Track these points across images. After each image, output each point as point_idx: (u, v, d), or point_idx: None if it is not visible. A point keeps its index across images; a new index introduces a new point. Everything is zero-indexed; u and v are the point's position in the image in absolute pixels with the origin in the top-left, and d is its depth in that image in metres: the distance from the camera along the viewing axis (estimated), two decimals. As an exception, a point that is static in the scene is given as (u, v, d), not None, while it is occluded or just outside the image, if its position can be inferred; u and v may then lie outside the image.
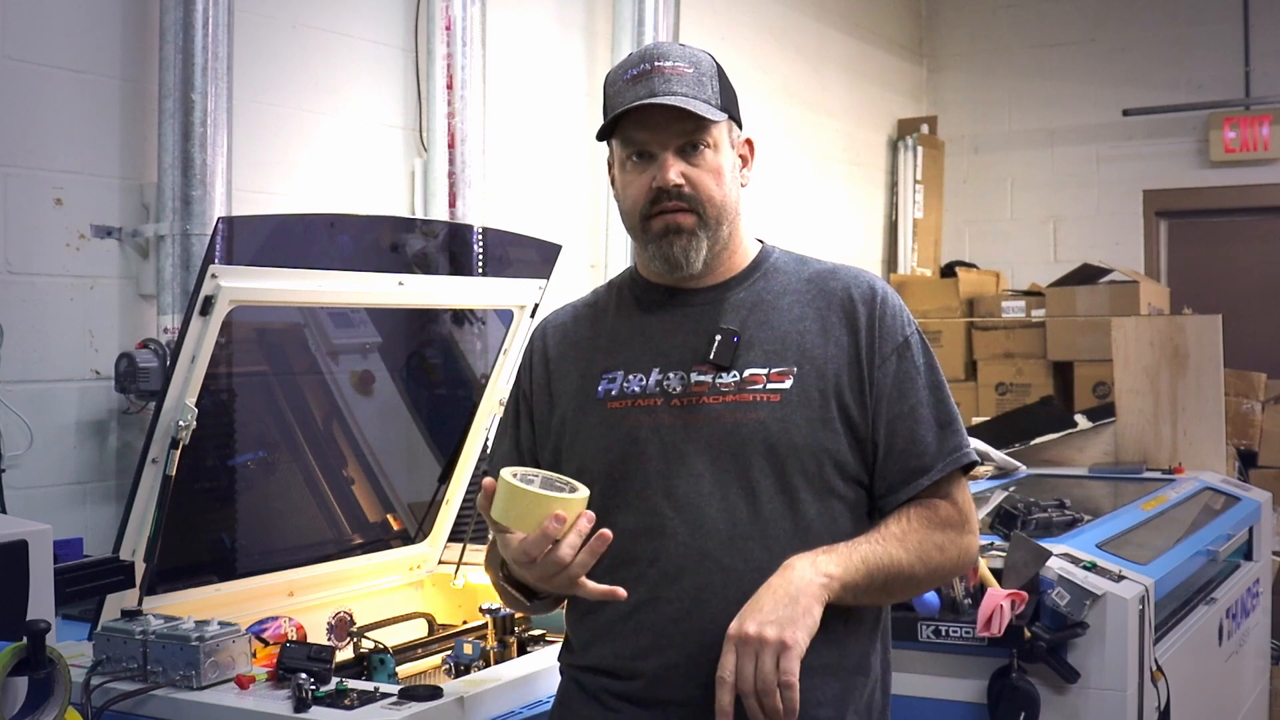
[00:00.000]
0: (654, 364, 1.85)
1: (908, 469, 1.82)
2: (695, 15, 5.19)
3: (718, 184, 1.82)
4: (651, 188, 1.79)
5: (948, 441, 1.83)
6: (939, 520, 1.81)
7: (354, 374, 3.02)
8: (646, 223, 1.82)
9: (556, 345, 1.95)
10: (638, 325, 1.90)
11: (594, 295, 2.02)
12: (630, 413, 1.83)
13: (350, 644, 2.60)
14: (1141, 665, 2.79)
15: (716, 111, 1.81)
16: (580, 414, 1.87)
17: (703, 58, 1.85)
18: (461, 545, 3.04)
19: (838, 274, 1.90)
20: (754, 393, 1.79)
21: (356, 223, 2.80)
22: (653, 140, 1.80)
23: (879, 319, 1.84)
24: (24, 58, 3.04)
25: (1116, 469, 4.50)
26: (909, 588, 1.82)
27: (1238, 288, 6.91)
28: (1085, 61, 7.28)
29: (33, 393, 3.04)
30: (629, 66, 1.82)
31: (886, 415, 1.81)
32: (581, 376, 1.90)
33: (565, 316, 2.00)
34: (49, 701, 1.82)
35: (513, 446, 1.97)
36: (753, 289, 1.88)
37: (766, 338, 1.83)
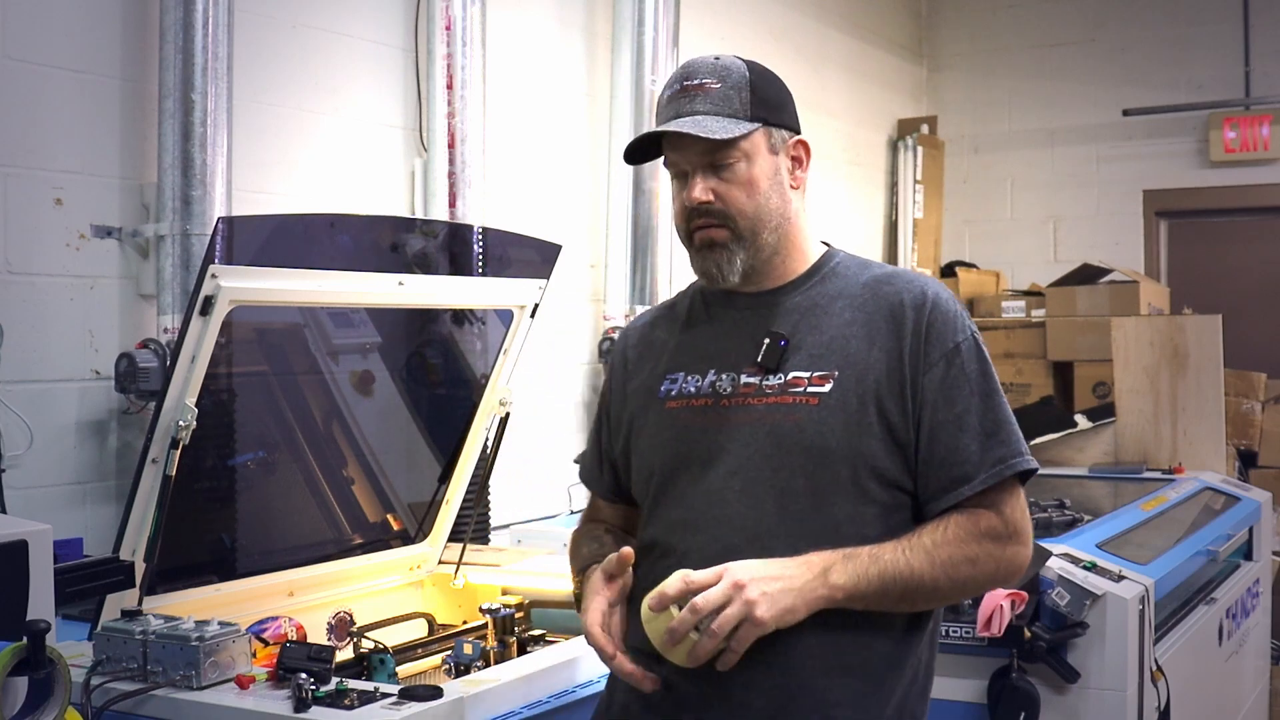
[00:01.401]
0: (710, 365, 1.91)
1: (949, 477, 1.80)
2: (695, 15, 5.19)
3: (749, 195, 1.85)
4: (686, 207, 1.87)
5: (993, 451, 1.81)
6: (978, 532, 1.79)
7: (354, 374, 3.02)
8: (689, 238, 1.90)
9: (635, 348, 2.06)
10: (702, 329, 1.97)
11: (672, 300, 2.10)
12: (684, 412, 1.90)
13: (350, 644, 2.60)
14: (1141, 665, 2.79)
15: (736, 126, 1.83)
16: (644, 412, 1.97)
17: (735, 68, 1.88)
18: (461, 545, 3.04)
19: (893, 279, 1.91)
20: (795, 395, 1.83)
21: (356, 223, 2.80)
22: (682, 160, 1.87)
23: (928, 325, 1.84)
24: (24, 58, 3.04)
25: (1116, 469, 4.50)
26: (933, 599, 1.82)
27: (1238, 288, 6.91)
28: (1085, 61, 7.28)
29: (33, 393, 3.04)
30: (667, 85, 1.90)
31: (929, 422, 1.81)
32: (649, 376, 1.99)
33: (646, 319, 2.10)
34: (49, 701, 1.82)
35: (595, 442, 2.11)
36: (808, 294, 1.91)
37: (814, 342, 1.86)
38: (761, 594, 1.68)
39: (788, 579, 1.70)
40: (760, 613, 1.67)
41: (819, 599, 1.71)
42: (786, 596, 1.69)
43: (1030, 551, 1.85)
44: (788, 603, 1.69)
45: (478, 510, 3.43)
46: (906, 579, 1.74)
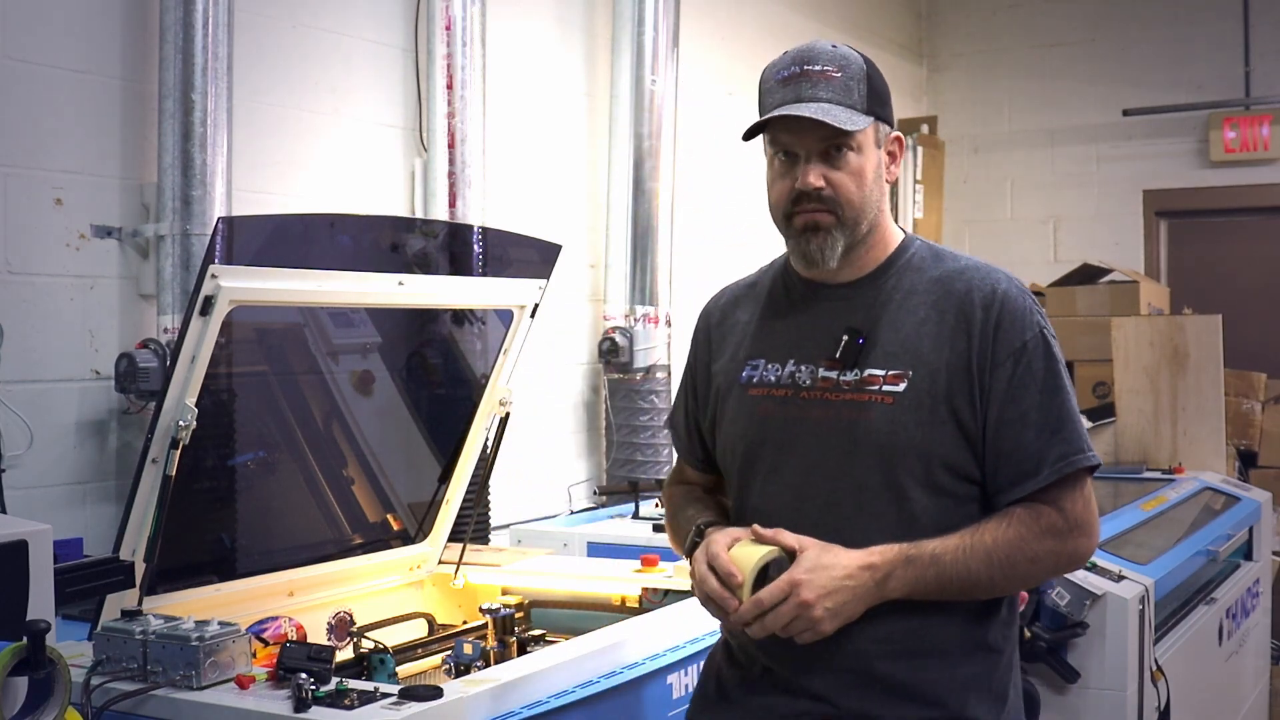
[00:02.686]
0: (790, 355, 1.95)
1: (1015, 473, 1.86)
2: (695, 15, 5.19)
3: (858, 186, 1.88)
4: (794, 189, 1.88)
5: (1056, 448, 1.85)
6: (1040, 529, 1.84)
7: (354, 374, 3.02)
8: (789, 220, 1.91)
9: (718, 326, 2.09)
10: (783, 315, 2.00)
11: (756, 276, 2.12)
12: (764, 401, 1.95)
13: (350, 644, 2.60)
14: (1141, 665, 2.79)
15: (859, 118, 1.86)
16: (728, 394, 2.01)
17: (853, 59, 1.90)
18: (461, 545, 3.04)
19: (965, 274, 1.93)
20: (870, 393, 1.87)
21: (356, 223, 2.80)
22: (796, 143, 1.88)
23: (996, 323, 1.87)
24: (24, 58, 3.04)
25: (1116, 469, 4.50)
26: (993, 593, 1.89)
27: (1238, 288, 6.91)
28: (1085, 61, 7.28)
29: (33, 393, 3.04)
30: (781, 67, 1.90)
31: (996, 420, 1.86)
32: (732, 360, 2.03)
33: (729, 297, 2.12)
34: (49, 701, 1.82)
35: (684, 411, 2.15)
36: (886, 287, 1.94)
37: (889, 339, 1.90)
38: (825, 610, 1.77)
39: (850, 588, 1.78)
40: (825, 629, 1.78)
41: (876, 599, 1.81)
42: (848, 607, 1.78)
43: (1095, 542, 1.92)
44: (849, 612, 1.79)
45: (478, 510, 3.43)
46: (964, 579, 1.82)
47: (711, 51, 5.47)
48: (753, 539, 1.82)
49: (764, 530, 1.81)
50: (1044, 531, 1.84)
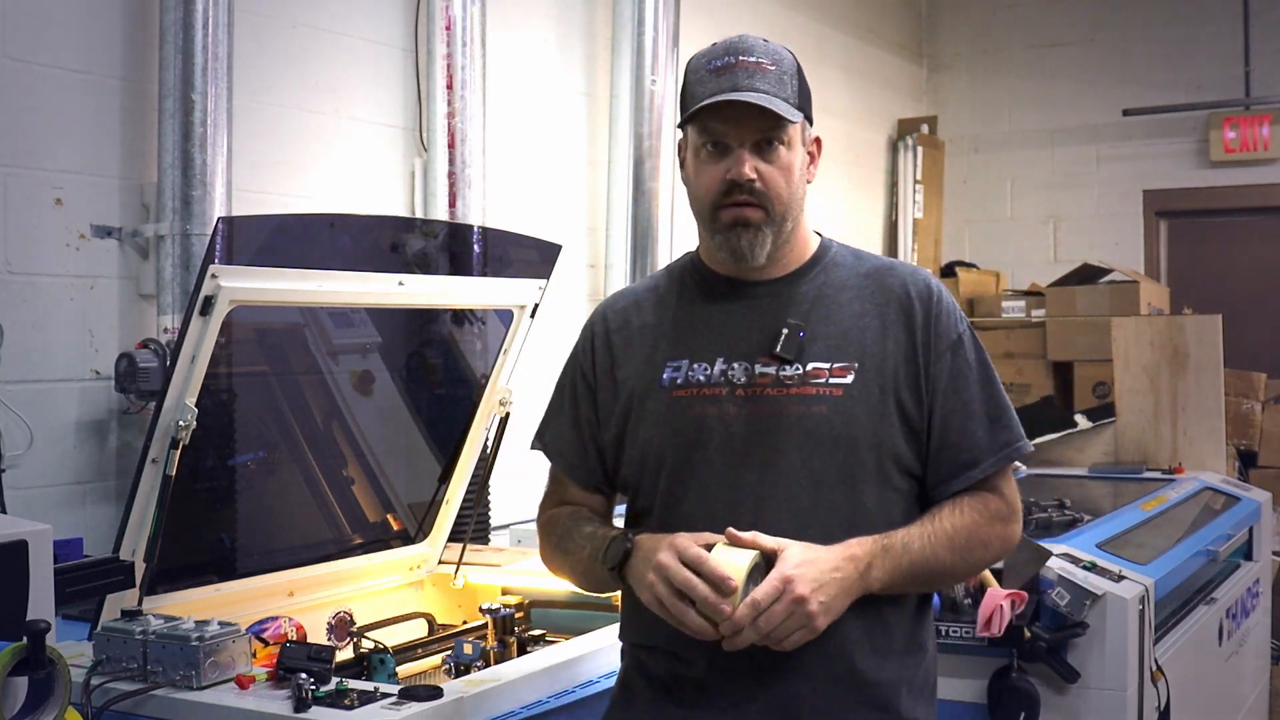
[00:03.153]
0: (719, 354, 1.90)
1: (959, 462, 1.88)
2: (695, 15, 5.19)
3: (788, 181, 1.87)
4: (725, 179, 1.84)
5: (999, 436, 1.89)
6: (990, 515, 1.88)
7: (354, 374, 3.02)
8: (716, 213, 1.86)
9: (619, 331, 2.00)
10: (701, 314, 1.94)
11: (653, 280, 2.06)
12: (696, 402, 1.88)
13: (350, 644, 2.60)
14: (1141, 665, 2.79)
15: (795, 111, 1.85)
16: (645, 400, 1.93)
17: (785, 55, 1.89)
18: (461, 545, 3.04)
19: (895, 270, 1.95)
20: (817, 386, 1.85)
21: (356, 223, 2.80)
22: (730, 133, 1.84)
23: (935, 317, 1.90)
24: (24, 58, 3.04)
25: (1116, 469, 4.50)
26: (949, 581, 1.98)
27: (1238, 288, 6.91)
28: (1085, 61, 7.28)
29: (33, 393, 3.03)
30: (713, 57, 1.86)
31: (940, 411, 1.87)
32: (646, 363, 1.94)
33: (626, 301, 2.04)
34: (49, 701, 1.82)
35: (571, 426, 2.02)
36: (814, 283, 1.92)
37: (829, 332, 1.88)
38: (819, 605, 1.71)
39: (839, 580, 1.74)
40: (819, 624, 1.72)
41: (860, 591, 1.77)
42: (838, 600, 1.74)
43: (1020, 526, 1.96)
44: (840, 605, 1.75)
45: (478, 510, 3.43)
46: (933, 567, 1.83)
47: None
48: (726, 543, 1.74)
49: (741, 534, 1.73)
50: (993, 517, 1.88)
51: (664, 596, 1.73)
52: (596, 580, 1.94)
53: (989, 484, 1.89)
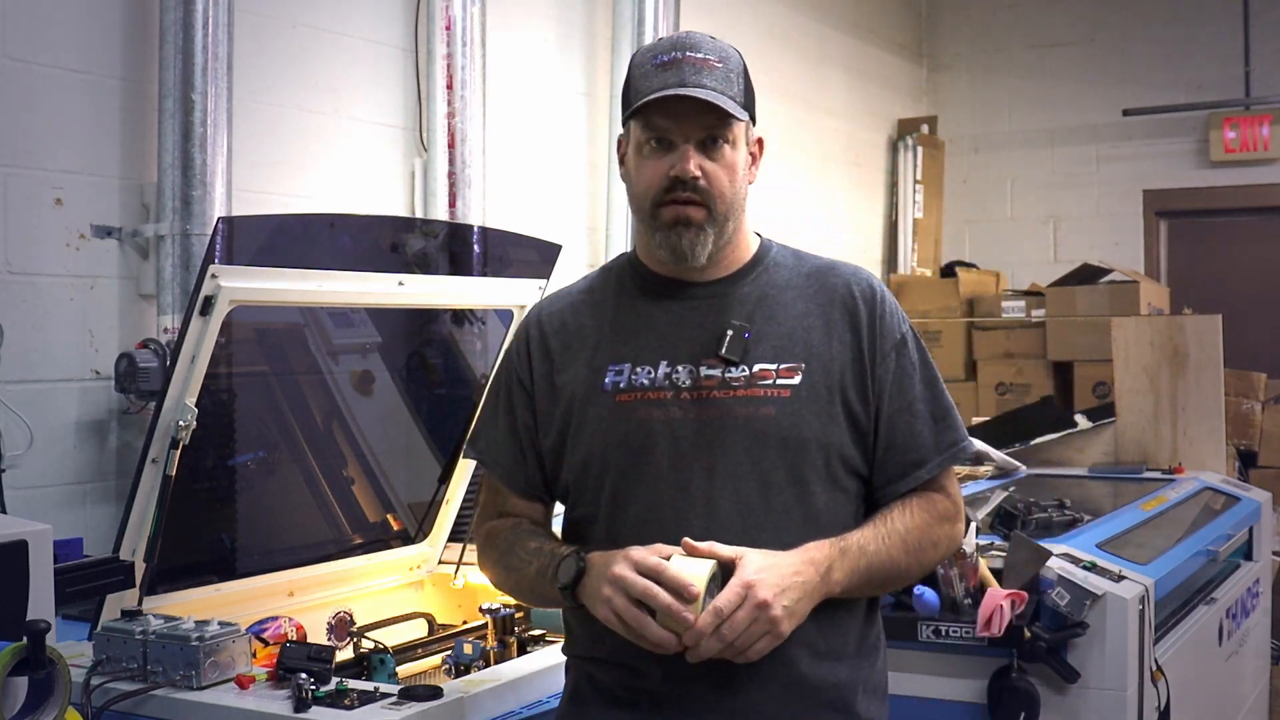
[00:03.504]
0: (662, 356, 1.85)
1: (906, 462, 1.87)
2: (695, 15, 5.19)
3: (731, 180, 1.83)
4: (668, 176, 1.80)
5: (944, 436, 1.89)
6: (938, 514, 1.88)
7: (354, 374, 3.02)
8: (657, 210, 1.82)
9: (555, 334, 1.93)
10: (642, 316, 1.90)
11: (588, 282, 2.00)
12: (640, 406, 1.84)
13: (350, 644, 2.60)
14: (1141, 665, 2.79)
15: (741, 109, 1.83)
16: (586, 405, 1.87)
17: (732, 53, 1.87)
18: (461, 545, 3.04)
19: (837, 270, 1.93)
20: (764, 388, 1.82)
21: (356, 223, 2.80)
22: (675, 129, 1.80)
23: (879, 317, 1.88)
24: (24, 58, 3.04)
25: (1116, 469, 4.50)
26: (901, 583, 1.92)
27: (1238, 288, 6.91)
28: (1085, 61, 7.28)
29: (33, 393, 3.04)
30: (659, 52, 1.83)
31: (886, 411, 1.86)
32: (586, 367, 1.89)
33: (561, 304, 1.98)
34: (49, 701, 1.82)
35: (509, 433, 1.95)
36: (756, 283, 1.90)
37: (774, 333, 1.85)
38: (783, 609, 1.68)
39: (800, 584, 1.71)
40: (783, 630, 1.69)
41: (821, 595, 1.75)
42: (801, 604, 1.71)
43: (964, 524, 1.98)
44: (803, 609, 1.72)
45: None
46: (888, 569, 1.82)
47: (711, 51, 5.46)
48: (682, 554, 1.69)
49: (697, 544, 1.69)
50: (940, 516, 1.88)
51: (622, 609, 1.68)
52: (544, 598, 1.88)
53: (935, 484, 1.89)
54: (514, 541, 1.91)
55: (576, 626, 1.90)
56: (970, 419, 5.58)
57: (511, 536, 1.93)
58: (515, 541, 1.91)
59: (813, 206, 6.40)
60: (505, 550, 1.92)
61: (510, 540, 1.92)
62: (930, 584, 2.78)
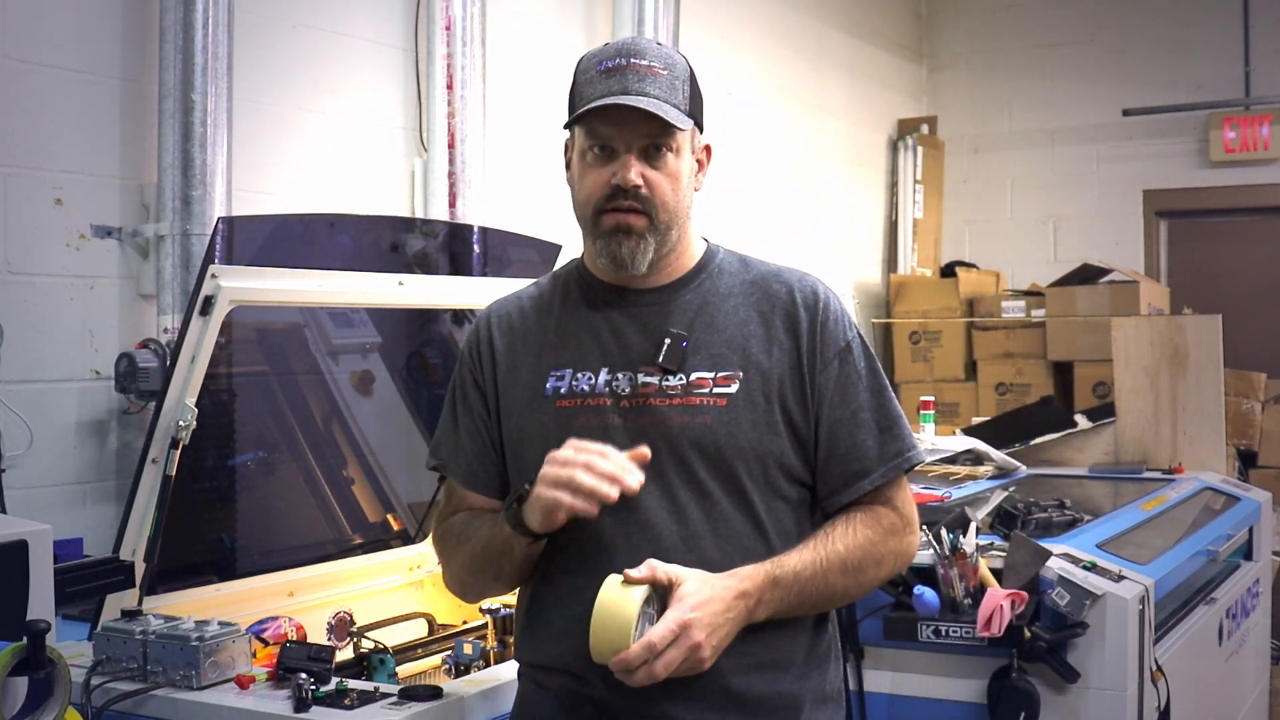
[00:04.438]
0: (602, 363, 1.85)
1: (849, 472, 1.85)
2: (695, 15, 5.19)
3: (674, 189, 1.83)
4: (609, 184, 1.79)
5: (889, 446, 1.86)
6: (883, 530, 1.85)
7: (354, 374, 3.02)
8: (598, 218, 1.82)
9: (504, 337, 1.94)
10: (585, 323, 1.89)
11: (538, 287, 2.00)
12: (579, 412, 1.84)
13: (350, 644, 2.60)
14: (1141, 665, 2.79)
15: (685, 118, 1.81)
16: (528, 411, 1.87)
17: (678, 60, 1.85)
18: (461, 545, 3.04)
19: (781, 276, 1.91)
20: (700, 396, 1.81)
21: (356, 223, 2.81)
22: (617, 137, 1.79)
23: (821, 324, 1.86)
24: (24, 58, 3.04)
25: (1116, 469, 4.50)
26: (837, 604, 1.89)
27: (1238, 288, 6.91)
28: (1085, 61, 7.28)
29: (33, 393, 3.04)
30: (604, 58, 1.81)
31: (828, 419, 1.84)
32: (530, 372, 1.89)
33: (510, 307, 1.97)
34: (49, 701, 1.82)
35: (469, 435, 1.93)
36: (699, 291, 1.89)
37: (712, 341, 1.85)
38: (711, 650, 1.69)
39: (731, 620, 1.71)
40: (706, 666, 1.70)
41: (744, 624, 1.75)
42: (727, 639, 1.72)
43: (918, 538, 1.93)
44: (727, 643, 1.72)
45: (478, 510, 3.43)
46: (823, 592, 1.80)
47: (711, 51, 5.47)
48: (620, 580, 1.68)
49: (636, 573, 1.67)
50: (887, 532, 1.85)
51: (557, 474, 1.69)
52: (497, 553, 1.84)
53: (881, 495, 1.86)
54: (468, 522, 1.91)
55: (524, 633, 1.91)
56: (970, 419, 5.58)
57: (465, 519, 1.92)
58: (469, 522, 1.91)
59: (813, 206, 6.40)
60: (459, 534, 1.91)
61: (465, 522, 1.92)
62: (930, 584, 2.78)
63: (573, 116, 1.81)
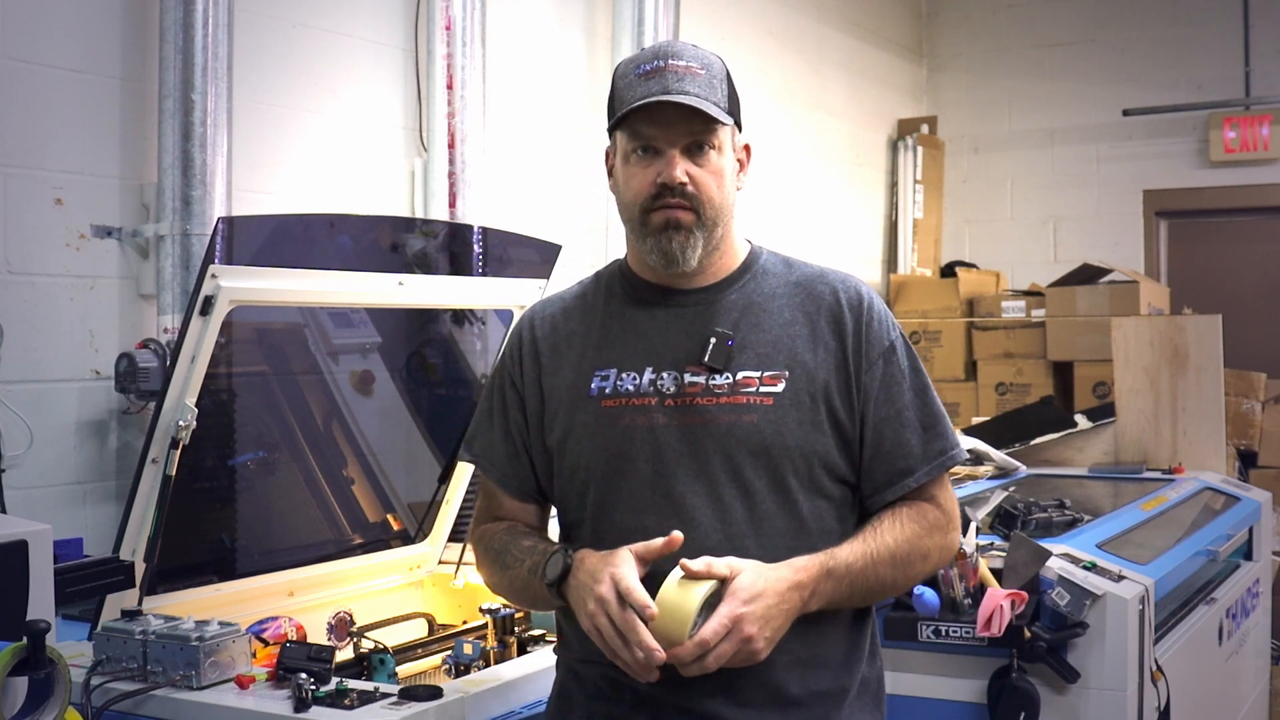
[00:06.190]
0: (647, 363, 1.87)
1: (894, 470, 1.87)
2: (695, 15, 5.19)
3: (719, 186, 1.84)
4: (655, 183, 1.81)
5: (933, 444, 1.88)
6: (928, 526, 1.87)
7: (354, 374, 3.02)
8: (646, 216, 1.84)
9: (547, 338, 1.96)
10: (630, 322, 1.91)
11: (581, 287, 2.03)
12: (624, 412, 1.85)
13: (350, 644, 2.60)
14: (1141, 665, 2.79)
15: (725, 115, 1.83)
16: (574, 411, 1.89)
17: (714, 61, 1.87)
18: (461, 545, 3.04)
19: (826, 278, 1.93)
20: (747, 395, 1.83)
21: (356, 223, 2.81)
22: (661, 136, 1.81)
23: (866, 325, 1.88)
24: (24, 58, 3.04)
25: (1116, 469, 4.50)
26: (885, 596, 1.92)
27: (1238, 288, 6.91)
28: (1085, 61, 7.28)
29: (33, 393, 3.04)
30: (642, 61, 1.84)
31: (873, 419, 1.86)
32: (574, 372, 1.91)
33: (554, 308, 2.00)
34: (49, 701, 1.82)
35: (503, 436, 1.97)
36: (744, 291, 1.90)
37: (758, 341, 1.86)
38: (765, 641, 1.71)
39: (784, 613, 1.73)
40: (761, 657, 1.71)
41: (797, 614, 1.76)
42: (781, 630, 1.73)
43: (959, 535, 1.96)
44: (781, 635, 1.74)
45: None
46: (873, 585, 1.83)
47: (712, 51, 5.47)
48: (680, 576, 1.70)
49: (693, 565, 1.69)
50: (931, 527, 1.87)
51: (604, 629, 1.71)
52: (534, 597, 1.90)
53: (925, 493, 1.88)
54: (508, 542, 1.93)
55: (569, 630, 1.91)
56: (970, 419, 5.59)
57: (506, 538, 1.95)
58: (510, 542, 1.93)
59: (813, 206, 6.40)
60: (500, 551, 1.94)
61: (505, 541, 1.94)
62: (930, 584, 2.78)
63: (615, 119, 1.84)
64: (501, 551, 1.93)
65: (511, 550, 1.92)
